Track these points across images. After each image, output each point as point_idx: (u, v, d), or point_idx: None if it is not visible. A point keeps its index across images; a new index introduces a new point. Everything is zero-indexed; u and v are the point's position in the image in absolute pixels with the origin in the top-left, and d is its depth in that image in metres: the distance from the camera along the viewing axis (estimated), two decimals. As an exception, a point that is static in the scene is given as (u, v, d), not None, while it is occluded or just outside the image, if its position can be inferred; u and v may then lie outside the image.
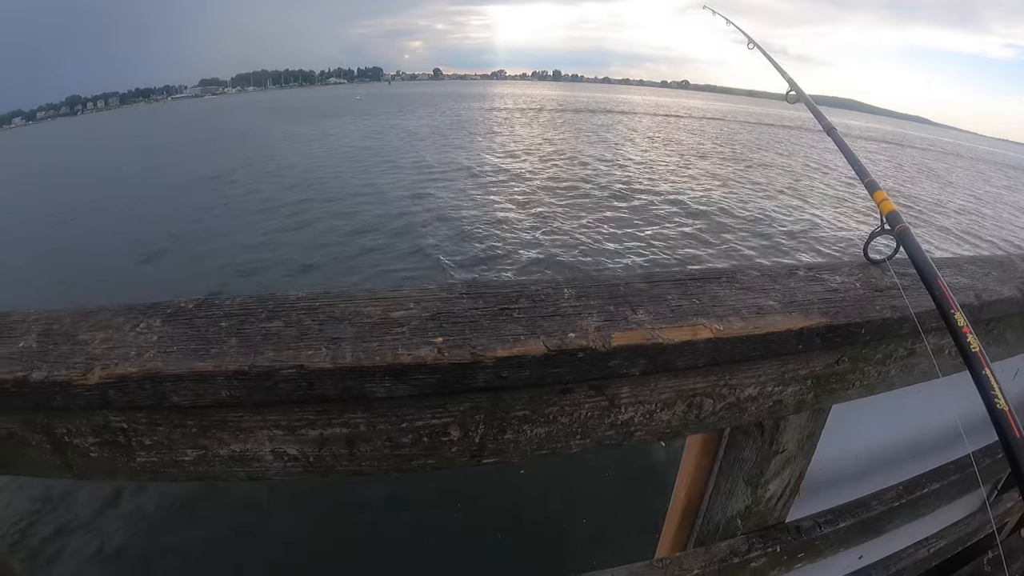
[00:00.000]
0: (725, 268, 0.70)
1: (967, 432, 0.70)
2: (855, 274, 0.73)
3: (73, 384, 0.45)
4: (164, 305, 0.54)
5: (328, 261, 7.35)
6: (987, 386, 0.51)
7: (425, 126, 26.67)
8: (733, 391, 0.64)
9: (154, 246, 8.13)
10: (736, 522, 0.85)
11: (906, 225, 0.71)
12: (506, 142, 20.08)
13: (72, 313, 0.54)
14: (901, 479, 0.97)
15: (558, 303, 0.57)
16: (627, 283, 0.62)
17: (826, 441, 0.83)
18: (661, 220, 9.48)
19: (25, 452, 0.52)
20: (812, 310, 0.62)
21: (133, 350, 0.47)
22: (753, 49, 1.34)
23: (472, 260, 7.31)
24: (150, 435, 0.51)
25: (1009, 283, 0.78)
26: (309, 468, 0.54)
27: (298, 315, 0.52)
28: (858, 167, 0.81)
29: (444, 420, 0.53)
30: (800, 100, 1.04)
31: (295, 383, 0.46)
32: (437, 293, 0.57)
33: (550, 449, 0.58)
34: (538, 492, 3.10)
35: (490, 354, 0.48)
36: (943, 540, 1.16)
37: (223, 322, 0.51)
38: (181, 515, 3.00)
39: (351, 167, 14.33)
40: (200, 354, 0.47)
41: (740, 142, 26.36)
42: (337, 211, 9.83)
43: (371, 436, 0.53)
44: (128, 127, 43.66)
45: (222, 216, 9.83)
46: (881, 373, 0.74)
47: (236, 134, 24.82)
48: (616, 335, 0.52)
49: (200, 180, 13.08)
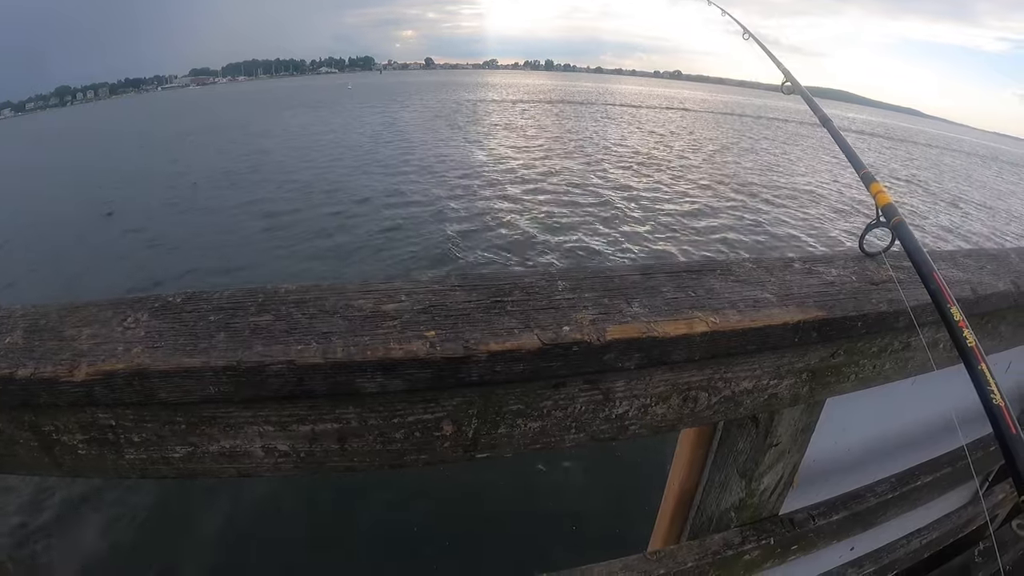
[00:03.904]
0: (720, 260, 0.70)
1: (960, 425, 0.70)
2: (851, 267, 0.73)
3: (60, 381, 0.44)
4: (152, 299, 0.53)
5: (316, 253, 7.35)
6: (983, 380, 0.51)
7: (418, 116, 26.51)
8: (728, 384, 0.63)
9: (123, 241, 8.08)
10: (730, 515, 0.85)
11: (902, 218, 0.70)
12: (504, 134, 20.00)
13: (59, 308, 0.52)
14: (894, 471, 0.98)
15: (552, 296, 0.56)
16: (621, 275, 0.62)
17: (820, 434, 0.83)
18: (653, 213, 9.51)
19: (12, 450, 0.51)
20: (808, 303, 0.62)
21: (120, 346, 0.47)
22: (748, 39, 1.33)
23: (465, 250, 7.33)
24: (138, 432, 0.50)
25: (1003, 277, 0.78)
26: (300, 464, 0.53)
27: (288, 308, 0.52)
28: (854, 159, 0.81)
29: (437, 415, 0.53)
30: (795, 91, 1.04)
31: (285, 378, 0.46)
32: (429, 285, 0.56)
33: (544, 444, 0.58)
34: (530, 486, 3.12)
35: (483, 348, 0.47)
36: (935, 532, 1.17)
37: (211, 316, 0.50)
38: (175, 510, 3.00)
39: (340, 159, 14.31)
40: (188, 349, 0.46)
41: (734, 132, 26.38)
42: (337, 203, 9.85)
43: (362, 431, 0.52)
44: (113, 119, 43.29)
45: (193, 212, 9.78)
46: (876, 366, 0.74)
47: (214, 127, 24.52)
48: (611, 328, 0.52)
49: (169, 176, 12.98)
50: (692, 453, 0.85)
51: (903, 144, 35.29)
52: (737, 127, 31.29)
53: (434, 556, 2.68)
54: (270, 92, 73.27)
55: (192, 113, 38.82)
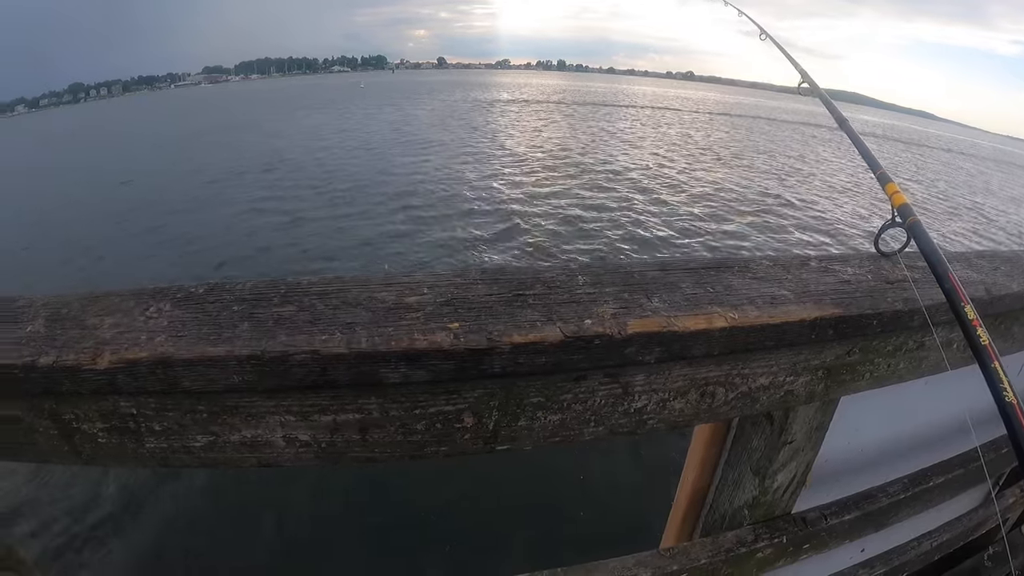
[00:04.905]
0: (737, 258, 0.70)
1: (973, 426, 0.70)
2: (866, 266, 0.73)
3: (82, 369, 0.44)
4: (174, 290, 0.54)
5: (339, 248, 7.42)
6: (996, 379, 0.51)
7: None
8: (746, 380, 0.63)
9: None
10: (743, 512, 0.85)
11: (917, 218, 0.71)
12: (519, 133, 20.01)
13: (80, 298, 0.53)
14: (906, 472, 0.98)
15: (573, 290, 0.56)
16: (640, 271, 0.62)
17: (834, 433, 0.83)
18: (671, 211, 9.57)
19: (32, 438, 0.51)
20: (825, 301, 0.62)
21: (143, 335, 0.47)
22: (765, 40, 1.34)
23: (484, 242, 7.41)
24: (160, 421, 0.50)
25: (1018, 278, 0.78)
26: (321, 454, 0.53)
27: (311, 300, 0.52)
28: (870, 159, 0.81)
29: (458, 407, 0.53)
30: (813, 92, 1.04)
31: (308, 368, 0.46)
32: (451, 279, 0.56)
33: (563, 437, 0.58)
34: (545, 480, 3.12)
35: (507, 340, 0.48)
36: (946, 534, 1.17)
37: (235, 307, 0.51)
38: (195, 500, 3.01)
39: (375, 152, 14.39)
40: (212, 339, 0.46)
41: (754, 134, 26.39)
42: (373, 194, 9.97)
43: (384, 422, 0.52)
44: (125, 118, 43.52)
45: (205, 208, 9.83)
46: (891, 365, 0.74)
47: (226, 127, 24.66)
48: (632, 322, 0.52)
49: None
50: (706, 450, 0.85)
51: (917, 148, 35.22)
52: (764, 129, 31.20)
53: (446, 547, 2.68)
54: (283, 91, 73.76)
55: (213, 111, 38.81)
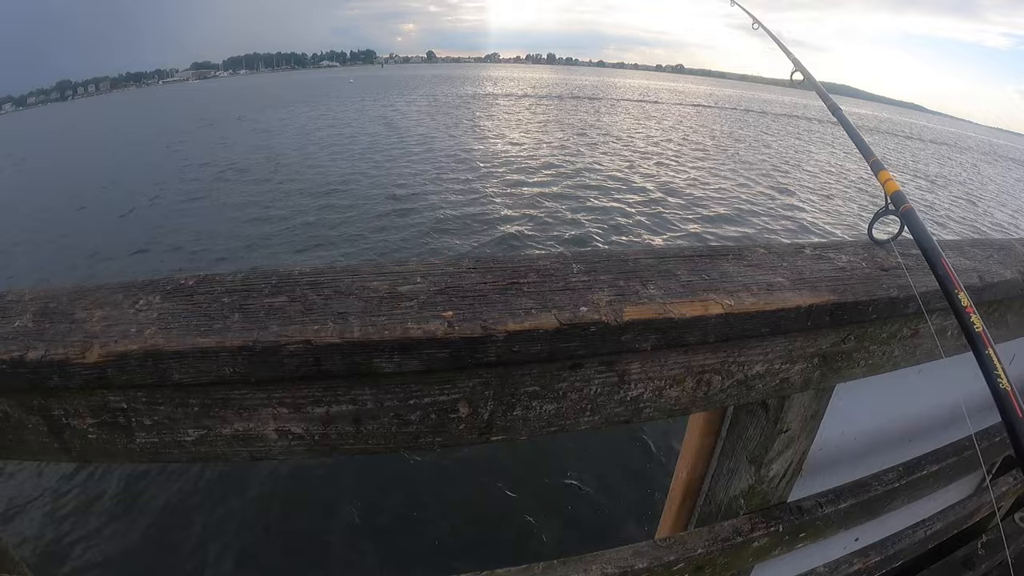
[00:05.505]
0: (732, 246, 0.70)
1: (967, 414, 0.71)
2: (860, 253, 0.73)
3: (71, 363, 0.44)
4: (164, 282, 0.53)
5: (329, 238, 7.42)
6: (990, 366, 0.51)
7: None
8: (741, 368, 0.63)
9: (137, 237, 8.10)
10: (739, 501, 0.85)
11: (910, 205, 0.71)
12: (508, 131, 20.01)
13: (69, 291, 0.52)
14: (901, 460, 0.98)
15: (567, 277, 0.56)
16: (635, 258, 0.62)
17: (829, 421, 0.83)
18: (660, 201, 9.60)
19: (21, 435, 0.50)
20: (821, 287, 0.62)
21: (133, 327, 0.46)
22: (758, 30, 1.34)
23: (475, 233, 7.43)
24: (150, 415, 0.50)
25: (1011, 266, 0.79)
26: (314, 446, 0.53)
27: (303, 290, 0.51)
28: (863, 147, 0.81)
29: (453, 396, 0.53)
30: (805, 81, 1.04)
31: (301, 359, 0.45)
32: (444, 267, 0.56)
33: (559, 426, 0.58)
34: (540, 470, 3.13)
35: (502, 328, 0.47)
36: (940, 522, 1.17)
37: (225, 298, 0.50)
38: (183, 495, 3.00)
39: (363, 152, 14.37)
40: (202, 330, 0.46)
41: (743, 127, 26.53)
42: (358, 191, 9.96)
43: (378, 413, 0.52)
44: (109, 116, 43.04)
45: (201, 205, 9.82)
46: (886, 352, 0.74)
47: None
48: (628, 309, 0.51)
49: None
50: (701, 440, 0.85)
51: (912, 142, 35.41)
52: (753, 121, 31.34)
53: (442, 539, 2.68)
54: (270, 87, 73.37)
55: (207, 106, 38.47)
